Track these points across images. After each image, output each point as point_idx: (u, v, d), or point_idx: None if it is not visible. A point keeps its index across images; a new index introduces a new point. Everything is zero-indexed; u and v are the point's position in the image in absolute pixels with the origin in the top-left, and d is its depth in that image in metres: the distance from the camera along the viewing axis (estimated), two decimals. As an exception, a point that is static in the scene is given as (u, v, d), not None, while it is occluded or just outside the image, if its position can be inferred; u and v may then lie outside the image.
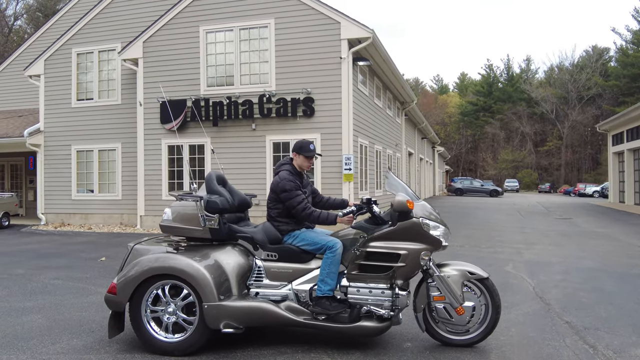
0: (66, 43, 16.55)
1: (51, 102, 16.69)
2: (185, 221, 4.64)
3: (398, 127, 21.99)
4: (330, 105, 13.22)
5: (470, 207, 25.37)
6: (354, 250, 4.39)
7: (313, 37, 13.33)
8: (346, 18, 13.04)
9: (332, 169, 13.17)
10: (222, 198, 4.69)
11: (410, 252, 4.30)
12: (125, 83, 15.91)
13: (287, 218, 4.64)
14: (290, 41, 13.52)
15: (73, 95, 16.50)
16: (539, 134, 70.45)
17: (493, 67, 79.67)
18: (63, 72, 16.60)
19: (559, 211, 23.81)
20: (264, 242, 4.63)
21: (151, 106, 14.69)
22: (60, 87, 16.60)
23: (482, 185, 43.70)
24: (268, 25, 13.71)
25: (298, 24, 13.47)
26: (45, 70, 16.79)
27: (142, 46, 14.78)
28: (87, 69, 16.47)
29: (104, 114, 16.13)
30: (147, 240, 4.85)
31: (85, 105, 16.40)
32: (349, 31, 13.02)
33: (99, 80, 16.34)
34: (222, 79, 14.21)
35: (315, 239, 4.50)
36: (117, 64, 15.94)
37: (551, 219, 19.15)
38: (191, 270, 4.24)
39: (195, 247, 4.63)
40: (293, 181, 4.57)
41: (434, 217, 4.48)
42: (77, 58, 16.50)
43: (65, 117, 16.50)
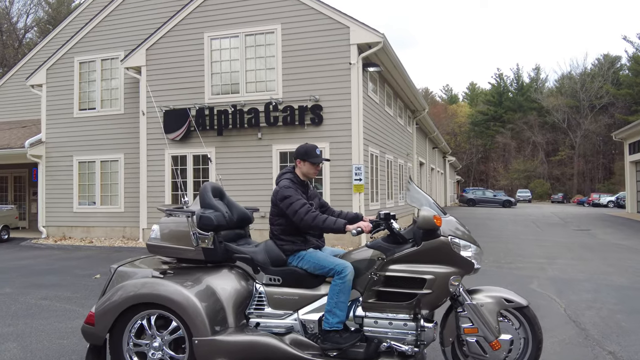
0: (69, 52, 16.17)
1: (53, 112, 16.28)
2: (175, 240, 4.05)
3: (409, 136, 21.39)
4: (339, 113, 12.67)
5: (484, 218, 24.67)
6: (371, 275, 3.77)
7: (321, 43, 12.81)
8: (355, 22, 12.52)
9: (342, 180, 12.59)
10: (218, 213, 4.10)
11: (438, 276, 3.67)
12: (128, 92, 15.47)
13: (291, 236, 4.07)
14: (297, 47, 13.02)
15: (75, 105, 16.08)
16: (550, 144, 69.54)
17: (503, 76, 79.10)
18: (65, 82, 16.19)
19: (575, 222, 23.05)
20: (265, 263, 4.04)
21: (154, 115, 14.22)
22: (63, 97, 16.19)
23: (495, 196, 42.89)
24: (275, 31, 13.22)
25: (305, 29, 12.97)
26: (47, 80, 16.40)
27: (145, 54, 14.35)
28: (90, 77, 16.06)
29: (107, 124, 15.68)
30: (133, 262, 4.28)
31: (88, 115, 15.97)
32: (359, 36, 12.49)
33: (101, 90, 15.91)
34: (227, 87, 13.72)
35: (322, 261, 3.92)
36: (120, 73, 15.52)
37: (569, 231, 18.47)
38: (180, 298, 3.64)
39: (187, 271, 4.04)
40: (294, 189, 4.04)
41: (464, 235, 3.84)
42: (79, 67, 16.10)
43: (67, 128, 16.08)
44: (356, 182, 12.33)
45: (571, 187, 65.38)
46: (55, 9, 52.24)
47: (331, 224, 3.89)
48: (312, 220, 3.89)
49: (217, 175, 12.47)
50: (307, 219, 3.90)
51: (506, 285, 8.01)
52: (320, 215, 3.91)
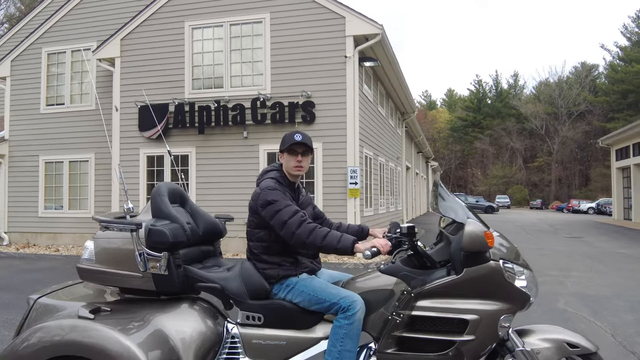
0: (36, 42, 14.83)
1: (18, 108, 14.90)
2: (114, 263, 2.97)
3: (399, 139, 20.50)
4: (333, 111, 11.65)
5: (472, 225, 23.88)
6: (392, 315, 2.76)
7: (314, 34, 11.79)
8: (352, 12, 11.54)
9: (335, 183, 11.57)
10: (176, 225, 3.02)
11: (484, 316, 2.67)
12: (101, 86, 14.19)
13: (278, 256, 3.00)
14: (287, 38, 11.97)
15: (42, 100, 14.73)
16: (528, 150, 69.82)
17: (482, 82, 79.34)
18: (32, 74, 14.83)
19: (565, 229, 22.50)
20: (241, 295, 2.94)
21: (129, 111, 12.99)
22: (28, 91, 14.83)
23: (477, 202, 42.45)
24: (262, 21, 12.15)
25: (296, 19, 11.93)
26: (11, 72, 15.01)
27: (120, 44, 13.12)
28: (59, 70, 14.74)
29: (76, 121, 14.36)
30: (60, 291, 3.18)
31: (56, 110, 14.64)
32: (355, 27, 11.51)
33: (71, 84, 14.60)
34: (210, 81, 12.58)
35: (320, 292, 2.87)
36: (91, 65, 14.22)
37: (562, 238, 17.85)
38: (117, 349, 2.56)
39: (130, 307, 2.97)
40: (281, 191, 2.97)
41: (515, 255, 2.85)
42: (47, 58, 14.77)
43: (32, 125, 14.72)
44: (351, 186, 11.32)
45: (549, 194, 65.65)
46: (28, 4, 50.28)
47: (334, 241, 2.81)
48: (307, 235, 2.83)
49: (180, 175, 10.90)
50: (300, 233, 2.83)
51: (535, 304, 7.13)
52: (319, 229, 2.86)
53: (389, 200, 16.95)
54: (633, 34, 59.10)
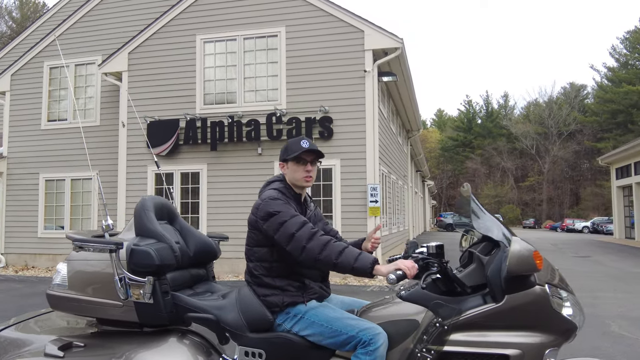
0: (37, 55, 14.35)
1: (17, 124, 14.36)
2: (90, 289, 2.57)
3: (405, 157, 20.22)
4: (352, 126, 11.28)
5: (476, 245, 23.56)
6: (422, 352, 2.34)
7: (331, 48, 11.48)
8: (371, 26, 11.26)
9: (354, 202, 11.15)
10: (163, 245, 2.62)
11: (527, 350, 2.27)
12: (106, 101, 13.72)
13: (282, 279, 2.58)
14: (304, 52, 11.63)
15: (43, 116, 14.21)
16: (520, 169, 70.17)
17: (472, 103, 79.95)
18: (33, 89, 14.33)
19: (569, 248, 22.25)
20: (239, 327, 2.53)
21: (136, 127, 12.51)
22: (29, 106, 14.31)
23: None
24: (278, 34, 11.83)
25: (313, 32, 11.62)
26: (11, 87, 14.49)
27: (127, 58, 12.70)
28: (61, 85, 14.25)
29: (79, 137, 13.82)
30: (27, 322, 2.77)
31: (58, 127, 14.11)
32: (374, 41, 11.21)
33: (74, 99, 14.11)
34: (223, 96, 12.18)
35: (333, 323, 2.45)
36: (96, 80, 13.77)
37: (570, 257, 17.60)
38: None
39: (108, 341, 2.56)
40: (285, 202, 2.59)
41: (563, 281, 2.47)
42: (49, 73, 14.28)
43: (33, 141, 14.16)
44: (372, 204, 10.91)
45: (541, 213, 65.85)
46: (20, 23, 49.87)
47: (351, 259, 2.39)
48: (320, 250, 2.41)
49: (169, 189, 10.18)
50: (312, 247, 2.42)
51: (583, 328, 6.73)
52: (334, 243, 2.45)
53: (399, 219, 16.57)
54: (621, 55, 59.95)
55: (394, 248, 15.10)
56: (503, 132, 71.98)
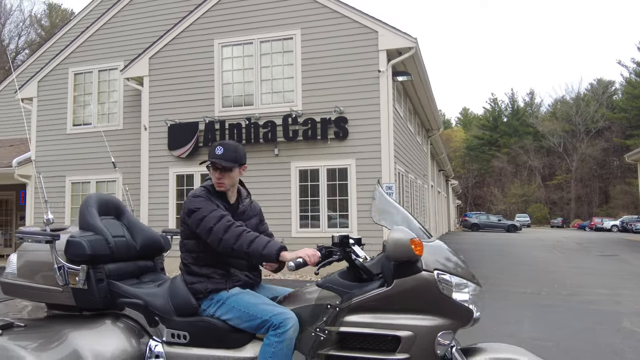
0: (62, 62, 14.82)
1: (44, 128, 14.86)
2: (35, 276, 2.88)
3: (425, 157, 20.21)
4: (366, 126, 11.40)
5: (498, 244, 23.40)
6: (316, 332, 2.52)
7: (346, 49, 11.61)
8: (385, 26, 11.36)
9: (370, 201, 11.23)
10: (98, 237, 2.88)
11: (418, 332, 2.42)
12: (128, 106, 14.11)
13: (208, 268, 2.80)
14: (319, 54, 11.80)
15: (69, 120, 14.67)
16: (547, 168, 69.03)
17: (497, 101, 78.98)
18: (58, 95, 14.80)
19: (595, 247, 21.86)
20: (166, 312, 2.77)
21: (158, 130, 12.86)
22: (55, 111, 14.79)
23: (499, 220, 41.75)
24: (293, 37, 12.01)
25: (328, 34, 11.77)
26: (38, 93, 15.00)
27: (148, 63, 13.05)
28: (86, 90, 14.69)
29: (104, 141, 14.23)
30: None
31: (82, 131, 14.56)
32: (388, 41, 11.31)
33: (98, 103, 14.54)
34: (240, 98, 12.42)
35: (251, 308, 2.65)
36: (119, 85, 14.17)
37: (596, 256, 17.31)
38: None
39: (47, 323, 2.85)
40: (206, 197, 2.82)
41: (458, 268, 2.58)
42: (74, 78, 14.74)
43: (59, 145, 14.64)
44: (387, 202, 10.98)
45: (569, 212, 64.65)
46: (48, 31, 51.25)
47: (259, 247, 2.62)
48: (234, 240, 2.65)
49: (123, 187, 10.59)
50: (227, 238, 2.66)
51: (593, 324, 6.73)
52: (247, 233, 2.68)
53: (418, 218, 16.57)
54: (651, 49, 58.55)
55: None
56: (529, 130, 70.95)
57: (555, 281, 10.84)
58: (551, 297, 8.86)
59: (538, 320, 7.00)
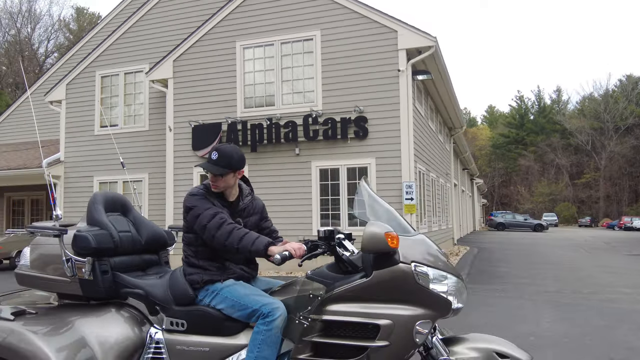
0: (90, 65, 15.24)
1: (72, 130, 15.30)
2: (46, 268, 3.11)
3: (448, 155, 20.14)
4: (386, 125, 11.47)
5: (524, 244, 23.17)
6: (299, 319, 2.69)
7: (365, 49, 11.71)
8: (404, 26, 11.42)
9: (390, 199, 11.31)
10: (103, 232, 3.07)
11: (397, 321, 2.55)
12: (154, 107, 14.44)
13: (205, 260, 2.99)
14: (338, 54, 11.92)
15: (96, 122, 15.08)
16: (575, 166, 67.74)
17: (524, 98, 77.92)
18: (86, 97, 15.23)
19: (623, 247, 21.50)
20: (166, 301, 2.97)
21: (182, 131, 13.14)
22: (83, 113, 15.22)
23: (526, 220, 41.22)
24: (313, 38, 12.16)
25: (348, 34, 11.88)
26: (67, 95, 15.45)
27: (172, 65, 13.34)
28: (112, 92, 15.08)
29: (130, 142, 14.62)
30: (3, 297, 3.36)
31: (109, 132, 14.93)
32: (408, 40, 11.37)
33: (124, 105, 14.91)
34: (262, 99, 12.62)
35: (242, 298, 2.83)
36: (144, 87, 14.52)
37: (623, 256, 17.03)
38: (25, 348, 2.63)
39: (56, 311, 3.07)
40: (202, 196, 3.00)
41: (438, 262, 2.69)
42: (101, 81, 15.14)
43: (87, 146, 15.05)
44: (407, 202, 11.06)
45: (597, 211, 63.37)
46: (76, 34, 52.43)
47: (248, 243, 2.80)
48: (226, 238, 2.83)
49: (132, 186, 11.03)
50: (220, 236, 2.84)
51: (612, 322, 6.70)
52: (237, 230, 2.85)
53: (440, 217, 16.56)
54: (683, 44, 57.08)
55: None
56: (557, 127, 69.79)
57: (578, 280, 10.77)
58: (573, 296, 8.83)
59: (557, 318, 7.00)
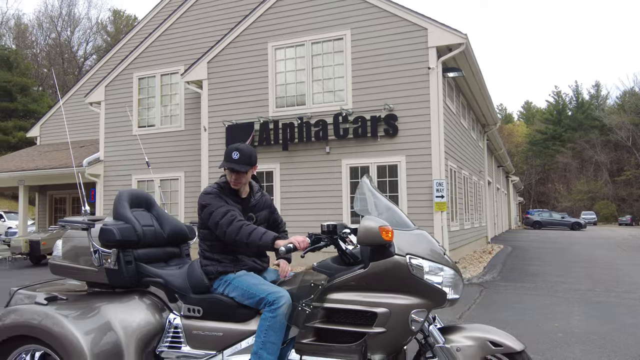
0: (127, 68, 15.74)
1: (111, 130, 15.82)
2: (77, 258, 3.41)
3: (481, 152, 19.97)
4: (416, 123, 11.52)
5: (560, 242, 22.75)
6: (302, 306, 2.92)
7: (395, 47, 11.77)
8: (434, 23, 11.44)
9: (420, 197, 11.38)
10: (127, 226, 3.36)
11: (393, 309, 2.75)
12: (189, 108, 14.82)
13: (219, 253, 3.27)
14: (368, 53, 12.01)
15: (134, 122, 15.57)
16: (615, 163, 65.83)
17: (561, 94, 76.14)
18: (124, 98, 15.73)
19: (665, 246, 20.88)
20: (184, 290, 3.24)
21: (216, 131, 13.46)
22: (121, 114, 15.72)
23: (563, 218, 40.36)
24: (343, 37, 12.28)
25: (377, 33, 11.97)
26: (105, 97, 15.99)
27: (207, 67, 13.67)
28: (149, 94, 15.54)
29: (166, 141, 15.05)
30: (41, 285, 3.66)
31: (147, 132, 15.41)
32: (438, 38, 11.38)
33: (161, 106, 15.35)
34: (293, 99, 12.82)
35: (252, 288, 3.08)
36: (180, 88, 14.92)
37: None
38: (56, 330, 2.92)
39: (85, 297, 3.37)
40: (216, 195, 3.26)
41: (434, 255, 2.86)
42: (138, 83, 15.62)
43: (125, 146, 15.55)
44: (438, 199, 11.09)
45: (639, 209, 61.48)
46: (114, 37, 53.83)
47: (256, 238, 3.02)
48: (236, 234, 3.07)
49: (156, 182, 11.79)
50: (230, 232, 3.09)
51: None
52: (247, 226, 3.08)
53: (473, 215, 16.47)
54: None
55: (469, 244, 15.09)
56: (595, 123, 67.93)
57: (613, 279, 10.61)
58: (606, 294, 8.74)
59: (587, 316, 6.98)
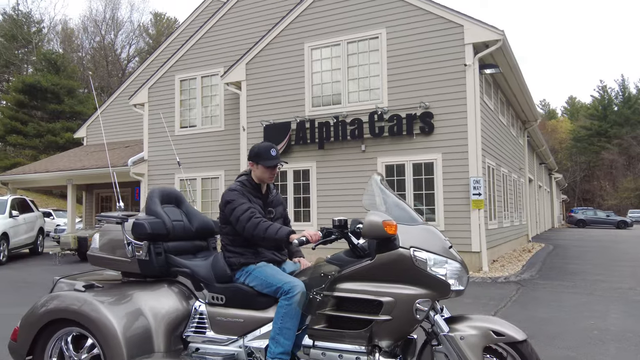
0: (169, 70, 16.23)
1: (155, 131, 16.34)
2: (112, 250, 3.74)
3: (521, 149, 19.67)
4: (452, 121, 11.50)
5: (603, 240, 22.19)
6: (314, 295, 3.14)
7: (431, 45, 11.78)
8: (470, 20, 11.39)
9: (457, 195, 11.36)
10: (157, 220, 3.67)
11: (398, 299, 2.95)
12: (228, 108, 15.19)
13: (241, 247, 3.53)
14: (404, 51, 12.06)
15: (176, 123, 16.05)
16: (665, 159, 63.44)
17: (607, 88, 73.72)
18: (166, 100, 16.24)
19: None
20: (208, 279, 3.54)
21: (254, 130, 13.76)
22: (164, 115, 16.21)
23: (608, 216, 39.22)
24: (379, 36, 12.36)
25: (413, 31, 12.00)
26: (149, 99, 16.54)
27: (245, 68, 13.99)
28: (190, 95, 16.00)
29: (207, 141, 15.47)
30: (82, 275, 4.00)
31: (188, 132, 15.87)
32: (474, 34, 11.33)
33: (201, 107, 15.78)
34: (329, 98, 12.99)
35: (270, 278, 3.36)
36: (219, 89, 15.30)
37: None
38: (93, 315, 3.24)
39: (119, 286, 3.69)
40: (240, 192, 3.53)
41: (438, 248, 3.04)
42: (180, 85, 16.09)
43: (168, 146, 16.03)
44: (475, 197, 11.05)
45: (691, 207, 59.05)
46: (155, 39, 55.21)
47: (273, 233, 3.31)
48: (254, 229, 3.35)
49: (185, 181, 12.23)
50: (249, 227, 3.37)
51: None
52: (264, 223, 3.36)
53: (512, 213, 16.27)
54: None
55: (507, 242, 14.94)
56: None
57: (656, 277, 10.36)
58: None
59: (625, 314, 6.89)
